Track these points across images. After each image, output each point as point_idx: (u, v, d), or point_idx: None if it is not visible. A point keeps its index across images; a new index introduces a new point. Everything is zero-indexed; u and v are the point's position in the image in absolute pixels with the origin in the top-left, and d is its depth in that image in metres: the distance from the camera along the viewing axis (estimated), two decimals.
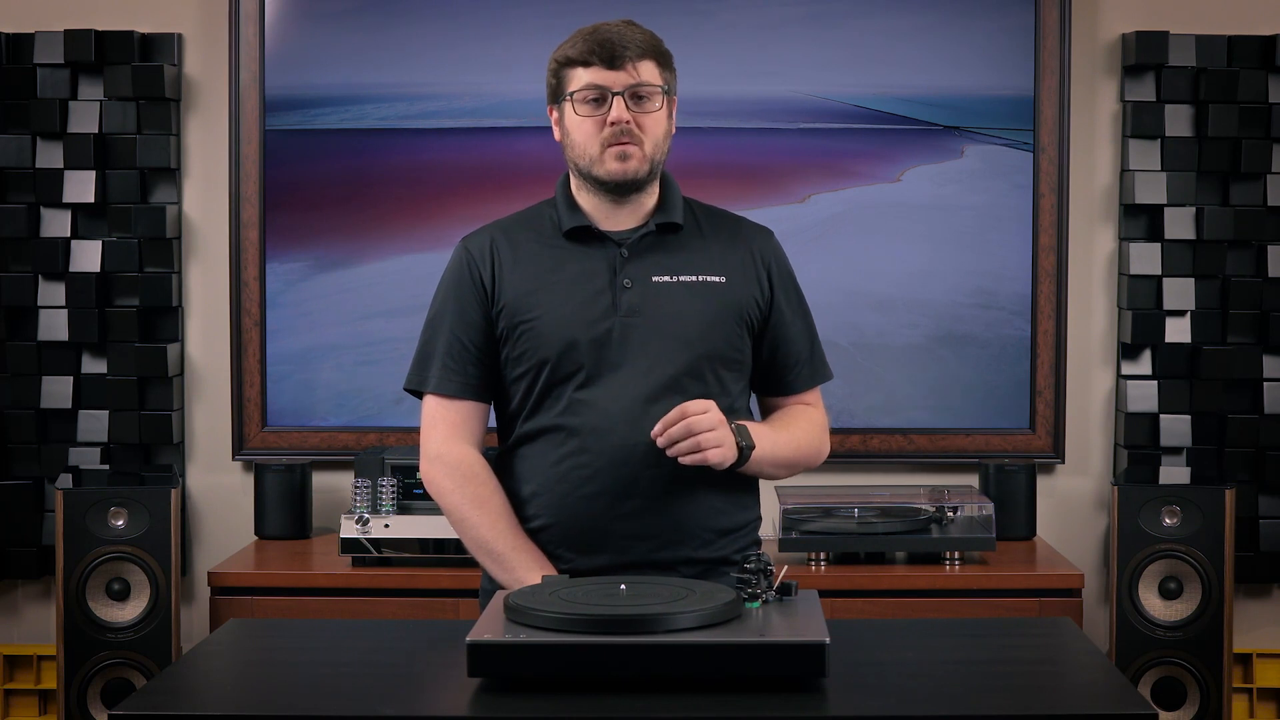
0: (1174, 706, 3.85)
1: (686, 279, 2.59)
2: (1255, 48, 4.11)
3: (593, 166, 2.56)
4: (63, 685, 3.83)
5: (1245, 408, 4.15)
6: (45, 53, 4.12)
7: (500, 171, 4.16)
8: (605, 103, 2.53)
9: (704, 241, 2.63)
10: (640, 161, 2.55)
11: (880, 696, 2.12)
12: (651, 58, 2.56)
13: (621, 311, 2.55)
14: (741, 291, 2.61)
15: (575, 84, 2.55)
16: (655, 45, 2.57)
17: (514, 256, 2.60)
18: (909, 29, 4.14)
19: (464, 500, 2.59)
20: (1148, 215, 4.16)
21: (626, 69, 2.53)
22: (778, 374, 2.69)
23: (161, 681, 2.24)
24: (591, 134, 2.54)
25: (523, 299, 2.57)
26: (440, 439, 2.62)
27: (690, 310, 2.57)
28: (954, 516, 3.87)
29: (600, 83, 2.53)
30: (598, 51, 2.52)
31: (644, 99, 2.55)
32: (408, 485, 3.83)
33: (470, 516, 2.58)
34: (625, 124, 2.52)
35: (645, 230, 2.60)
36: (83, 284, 4.14)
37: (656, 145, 2.57)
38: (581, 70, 2.54)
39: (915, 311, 4.17)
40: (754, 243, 2.67)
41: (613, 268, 2.58)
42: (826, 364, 2.74)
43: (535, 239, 2.62)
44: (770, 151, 4.14)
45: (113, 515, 3.85)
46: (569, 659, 2.08)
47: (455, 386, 2.61)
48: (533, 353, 2.56)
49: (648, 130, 2.55)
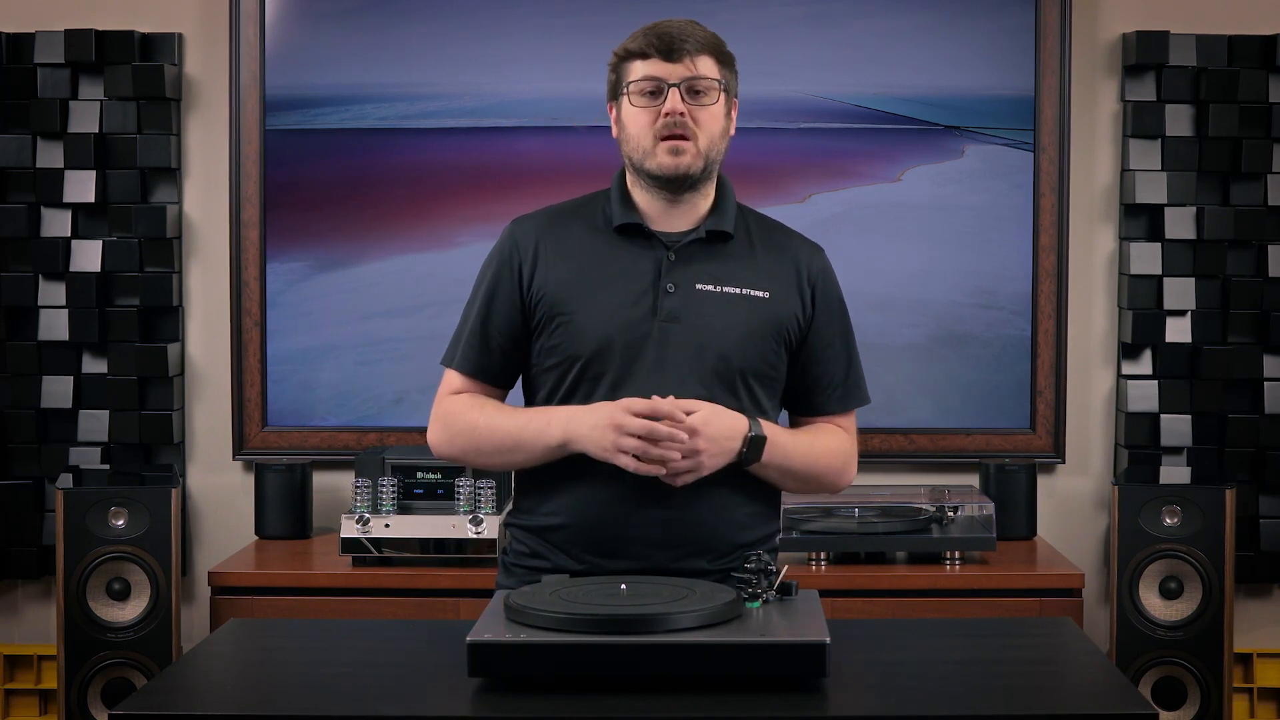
0: (1174, 706, 3.85)
1: (730, 290, 2.56)
2: (1255, 48, 4.11)
3: (645, 160, 2.53)
4: (63, 685, 3.83)
5: (1245, 408, 4.15)
6: (45, 53, 4.12)
7: (500, 171, 4.16)
8: (661, 95, 2.51)
9: (752, 253, 2.60)
10: (694, 157, 2.52)
11: (880, 696, 2.12)
12: (711, 54, 2.54)
13: (661, 316, 2.53)
14: (783, 308, 2.58)
15: (633, 75, 2.54)
16: (716, 43, 2.56)
17: (560, 247, 2.59)
18: (909, 29, 4.14)
19: (465, 420, 2.57)
20: (1148, 215, 4.16)
21: (684, 62, 2.51)
22: (809, 394, 2.65)
23: (161, 681, 2.24)
24: (645, 126, 2.52)
25: (563, 291, 2.55)
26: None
27: (730, 322, 2.54)
28: (954, 516, 3.87)
29: (656, 74, 2.51)
30: (656, 44, 2.51)
31: (700, 93, 2.52)
32: (408, 485, 3.83)
33: (477, 420, 2.56)
34: (680, 116, 2.50)
35: (695, 235, 2.58)
36: (83, 284, 4.14)
37: (712, 142, 2.54)
38: (639, 62, 2.53)
39: (915, 311, 4.17)
40: (802, 259, 2.63)
41: (658, 270, 2.55)
42: (863, 389, 2.69)
43: (585, 230, 2.60)
44: (770, 151, 4.14)
45: (113, 515, 3.85)
46: (569, 659, 2.08)
47: (472, 367, 2.61)
48: (567, 347, 2.54)
49: (703, 125, 2.52)
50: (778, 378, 2.61)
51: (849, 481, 2.68)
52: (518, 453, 2.55)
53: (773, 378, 2.59)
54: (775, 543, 2.66)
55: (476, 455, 2.59)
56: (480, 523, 3.73)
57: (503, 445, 2.55)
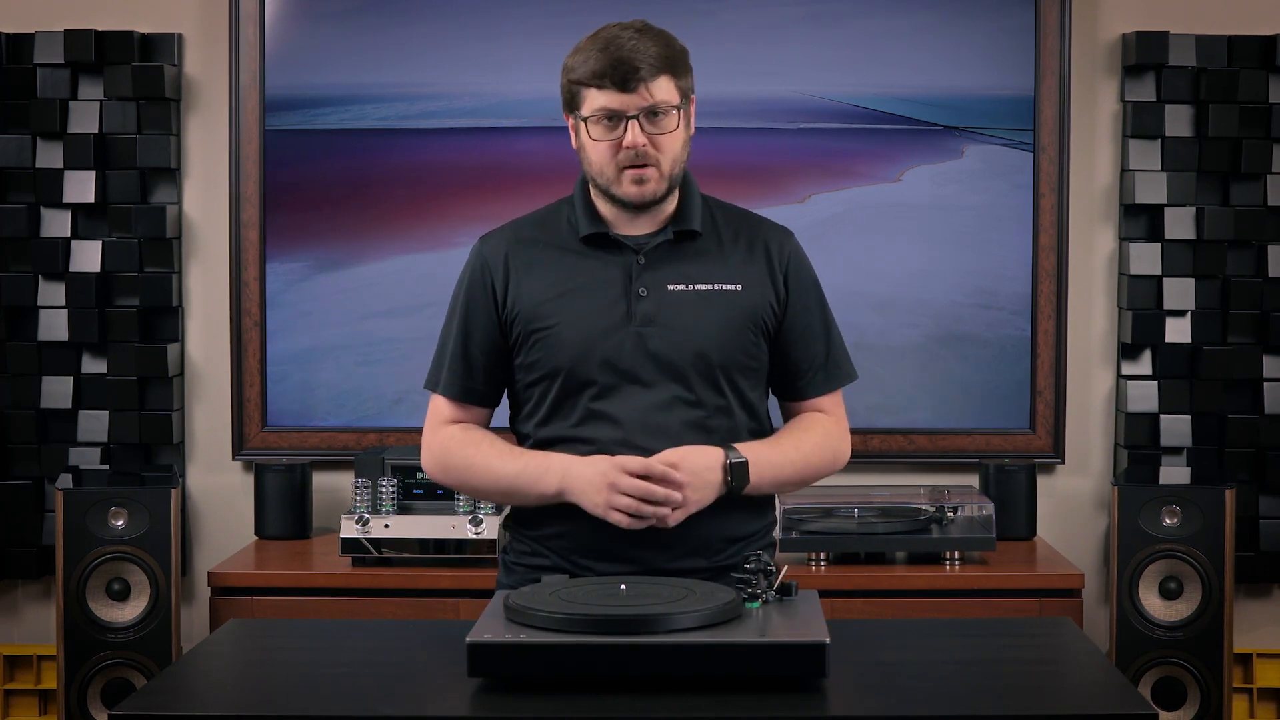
0: (1174, 706, 3.85)
1: (702, 288, 2.56)
2: (1255, 48, 4.11)
3: (610, 186, 2.53)
4: (63, 685, 3.83)
5: (1245, 408, 4.15)
6: (45, 53, 4.12)
7: (500, 171, 4.16)
8: (619, 126, 2.49)
9: (721, 247, 2.60)
10: (658, 183, 2.52)
11: (880, 696, 2.12)
12: (666, 72, 2.49)
13: (636, 321, 2.53)
14: (757, 298, 2.58)
15: (588, 107, 2.50)
16: (668, 57, 2.50)
17: (529, 263, 2.59)
18: (909, 29, 4.14)
19: (461, 456, 2.59)
20: (1148, 215, 4.16)
21: (640, 91, 2.47)
22: (792, 378, 2.66)
23: (161, 681, 2.24)
24: (607, 157, 2.51)
25: (538, 307, 2.56)
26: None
27: (705, 320, 2.55)
28: (954, 516, 3.87)
29: (614, 107, 2.48)
30: (610, 74, 2.47)
31: (660, 116, 2.50)
32: (408, 485, 3.83)
33: (473, 460, 2.58)
34: (641, 148, 2.49)
35: (663, 237, 2.58)
36: (83, 284, 4.14)
37: (675, 161, 2.53)
38: (595, 92, 2.49)
39: (915, 311, 4.17)
40: (772, 244, 2.63)
41: (628, 275, 2.56)
42: (845, 367, 2.68)
43: (552, 244, 2.60)
44: (770, 151, 4.14)
45: (113, 515, 3.85)
46: (569, 659, 2.08)
47: (458, 391, 2.62)
48: (547, 361, 2.55)
49: (665, 149, 2.51)
50: (759, 367, 2.61)
51: (845, 460, 2.69)
52: (512, 497, 2.60)
53: (754, 368, 2.60)
54: (772, 537, 2.68)
55: (472, 493, 2.66)
56: (480, 523, 3.73)
57: (497, 489, 2.59)
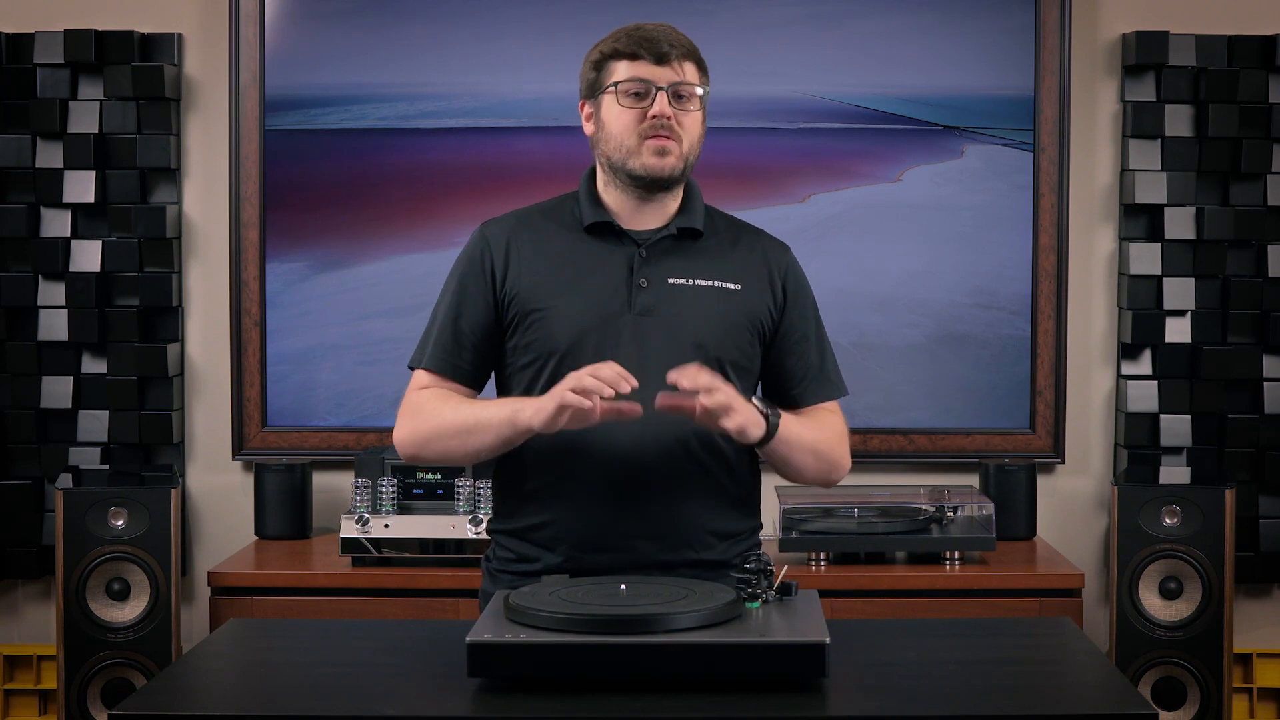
0: (1174, 706, 3.85)
1: (703, 283, 2.59)
2: (1255, 48, 4.11)
3: (628, 159, 2.56)
4: (63, 685, 3.83)
5: (1245, 408, 4.15)
6: (45, 53, 4.12)
7: (500, 171, 4.16)
8: (648, 97, 2.54)
9: (722, 249, 2.64)
10: (677, 159, 2.56)
11: (880, 696, 2.12)
12: (694, 61, 2.58)
13: (635, 310, 2.55)
14: (755, 300, 2.62)
15: (619, 75, 2.56)
16: (696, 50, 2.60)
17: (533, 246, 2.61)
18: (909, 29, 4.14)
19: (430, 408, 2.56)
20: (1148, 215, 4.16)
21: (672, 66, 2.54)
22: (785, 386, 2.67)
23: (161, 681, 2.24)
24: (630, 126, 2.55)
25: (536, 289, 2.57)
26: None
27: (704, 314, 2.57)
28: (954, 516, 3.87)
29: (646, 76, 2.54)
30: (645, 46, 2.54)
31: (685, 98, 2.56)
32: (408, 485, 3.83)
33: (442, 408, 2.55)
34: (667, 119, 2.53)
35: (666, 233, 2.61)
36: (83, 284, 4.14)
37: (693, 145, 2.58)
38: (627, 63, 2.55)
39: (915, 311, 4.17)
40: (771, 254, 2.67)
41: (630, 266, 2.58)
42: (837, 381, 2.71)
43: (556, 230, 2.63)
44: (770, 151, 4.14)
45: (113, 515, 3.85)
46: (569, 659, 2.08)
47: (441, 364, 2.61)
48: (542, 343, 2.56)
49: (687, 129, 2.56)
50: (753, 370, 2.64)
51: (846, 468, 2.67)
52: (473, 434, 2.51)
53: (748, 369, 2.62)
54: (758, 539, 2.69)
55: (438, 439, 2.54)
56: (480, 523, 3.73)
57: (462, 426, 2.52)
